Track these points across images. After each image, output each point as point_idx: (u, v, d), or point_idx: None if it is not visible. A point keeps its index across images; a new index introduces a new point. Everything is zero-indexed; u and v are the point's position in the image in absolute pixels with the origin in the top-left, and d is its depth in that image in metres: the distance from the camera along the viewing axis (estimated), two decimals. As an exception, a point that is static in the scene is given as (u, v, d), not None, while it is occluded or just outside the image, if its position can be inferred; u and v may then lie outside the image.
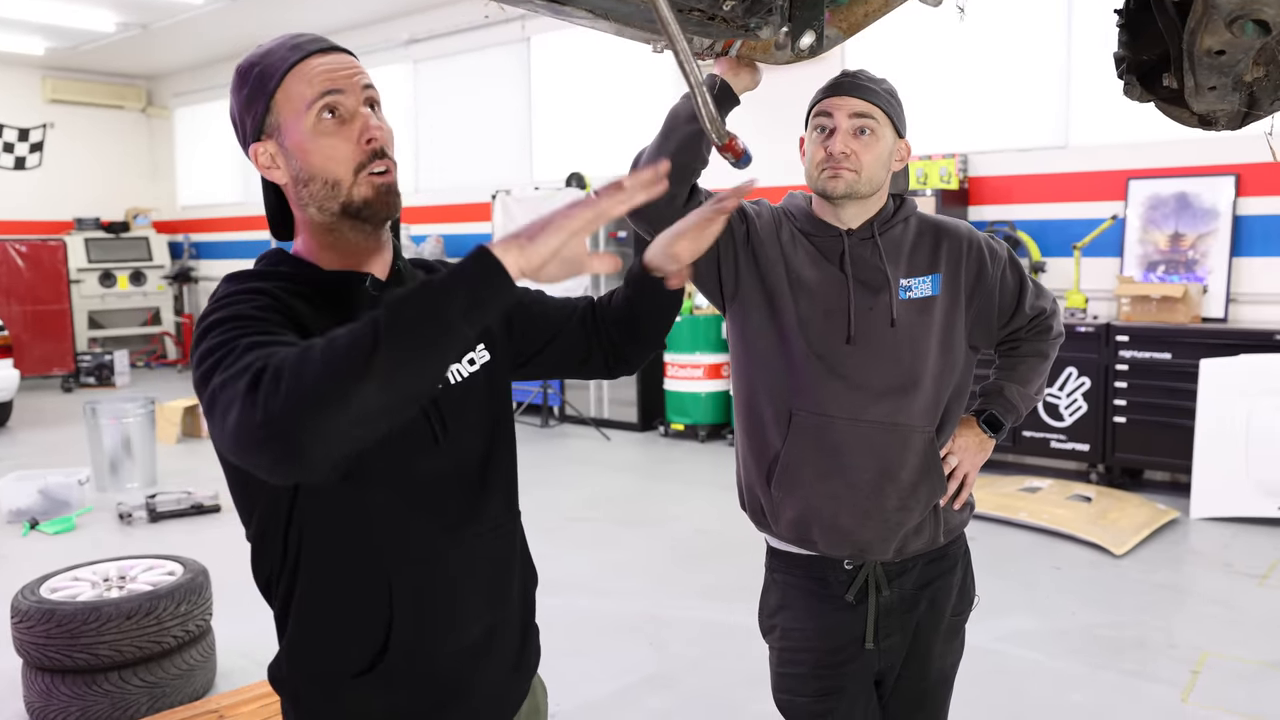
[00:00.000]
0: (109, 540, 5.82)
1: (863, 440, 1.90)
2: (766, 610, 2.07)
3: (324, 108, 1.30)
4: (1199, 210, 6.47)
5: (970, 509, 2.08)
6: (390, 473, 1.33)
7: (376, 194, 1.32)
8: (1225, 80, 1.50)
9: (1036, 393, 2.11)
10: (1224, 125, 1.62)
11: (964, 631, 2.13)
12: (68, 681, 3.44)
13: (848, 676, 1.96)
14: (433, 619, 1.38)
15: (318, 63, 1.31)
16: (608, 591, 4.83)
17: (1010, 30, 6.96)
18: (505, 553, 1.50)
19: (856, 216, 1.96)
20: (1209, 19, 1.39)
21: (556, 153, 10.07)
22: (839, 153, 1.87)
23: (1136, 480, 6.53)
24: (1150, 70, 1.67)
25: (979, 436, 2.05)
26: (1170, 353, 6.08)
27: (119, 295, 13.52)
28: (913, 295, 1.93)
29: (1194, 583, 4.85)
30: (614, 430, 8.80)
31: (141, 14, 10.81)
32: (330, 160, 1.30)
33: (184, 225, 14.76)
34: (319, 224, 1.35)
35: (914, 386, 1.91)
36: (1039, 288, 2.09)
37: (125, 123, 14.90)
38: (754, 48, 1.88)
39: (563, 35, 9.66)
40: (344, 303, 1.34)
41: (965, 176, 7.21)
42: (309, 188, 1.32)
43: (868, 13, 1.87)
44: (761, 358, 1.97)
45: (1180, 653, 3.95)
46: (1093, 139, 6.85)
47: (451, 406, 1.41)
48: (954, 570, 2.05)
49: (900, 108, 1.95)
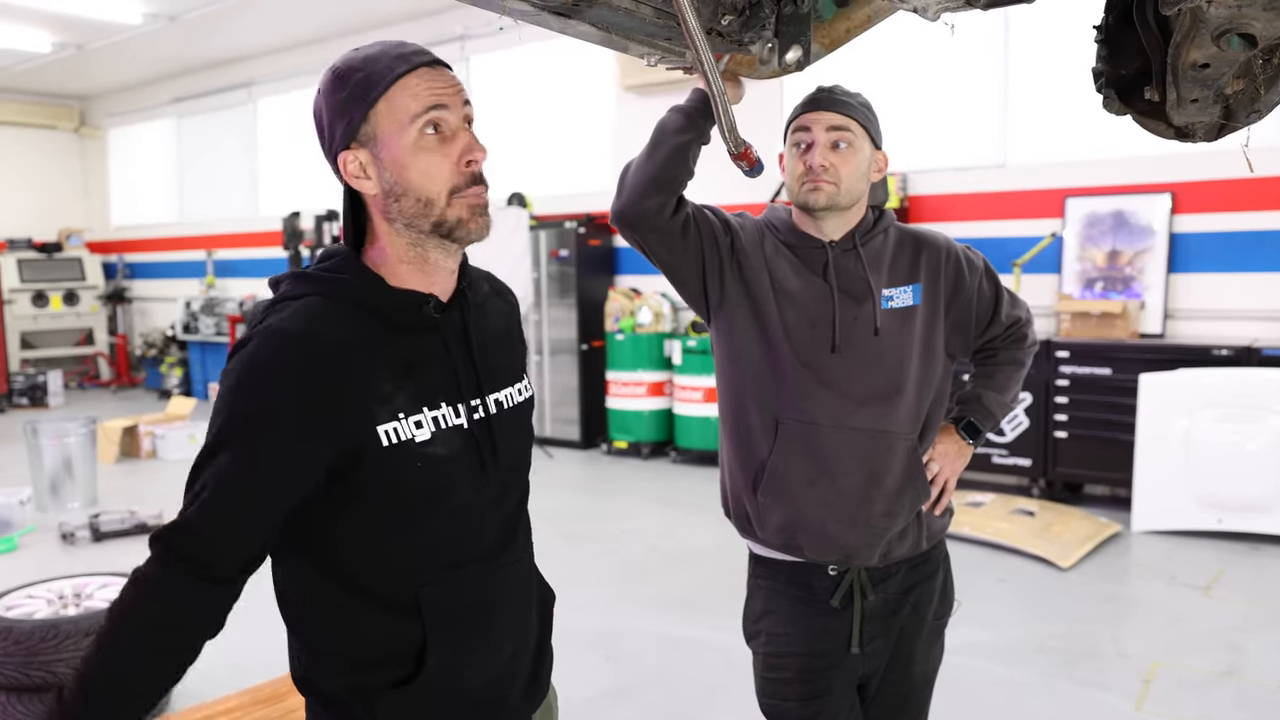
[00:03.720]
0: (53, 560, 5.74)
1: (849, 447, 1.93)
2: (751, 616, 2.09)
3: (428, 123, 1.29)
4: (1135, 228, 6.64)
5: (950, 515, 2.13)
6: (428, 502, 1.34)
7: (471, 216, 1.33)
8: (1207, 93, 1.53)
9: (1012, 400, 2.17)
10: (1201, 137, 1.65)
11: (944, 636, 2.17)
12: (24, 700, 3.41)
13: (833, 680, 1.99)
14: (468, 641, 1.38)
15: (425, 75, 1.30)
16: (561, 606, 4.70)
17: (948, 51, 7.09)
18: (528, 577, 1.54)
19: (838, 228, 2.00)
20: (1196, 33, 1.42)
21: (497, 172, 9.98)
22: (818, 166, 1.91)
23: (1077, 495, 6.64)
24: (1129, 84, 1.69)
25: (958, 443, 2.10)
26: (1110, 368, 6.22)
27: (52, 315, 13.27)
28: (895, 305, 1.98)
29: (1140, 594, 4.95)
30: (557, 448, 8.76)
31: (78, 34, 10.63)
32: (428, 178, 1.30)
33: (118, 245, 14.46)
34: (402, 239, 1.34)
35: (897, 394, 1.95)
36: (1014, 298, 2.15)
37: (58, 143, 14.62)
38: (740, 62, 1.92)
39: (503, 55, 9.64)
40: (402, 323, 1.34)
41: (905, 195, 7.32)
42: (400, 203, 1.31)
43: (850, 28, 1.90)
44: (748, 367, 1.99)
45: (1131, 662, 4.02)
46: (1030, 158, 7.01)
47: (503, 434, 1.42)
48: (935, 575, 2.10)
49: (876, 120, 2.00)
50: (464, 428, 1.37)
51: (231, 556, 1.25)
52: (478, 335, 1.43)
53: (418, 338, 1.36)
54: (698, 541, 5.82)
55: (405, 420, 1.30)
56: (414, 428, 1.31)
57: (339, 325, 1.30)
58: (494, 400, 1.43)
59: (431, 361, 1.36)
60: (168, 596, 1.24)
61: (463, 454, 1.36)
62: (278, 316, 1.31)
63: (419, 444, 1.31)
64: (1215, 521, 5.62)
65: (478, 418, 1.39)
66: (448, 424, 1.35)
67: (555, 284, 8.72)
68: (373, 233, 1.37)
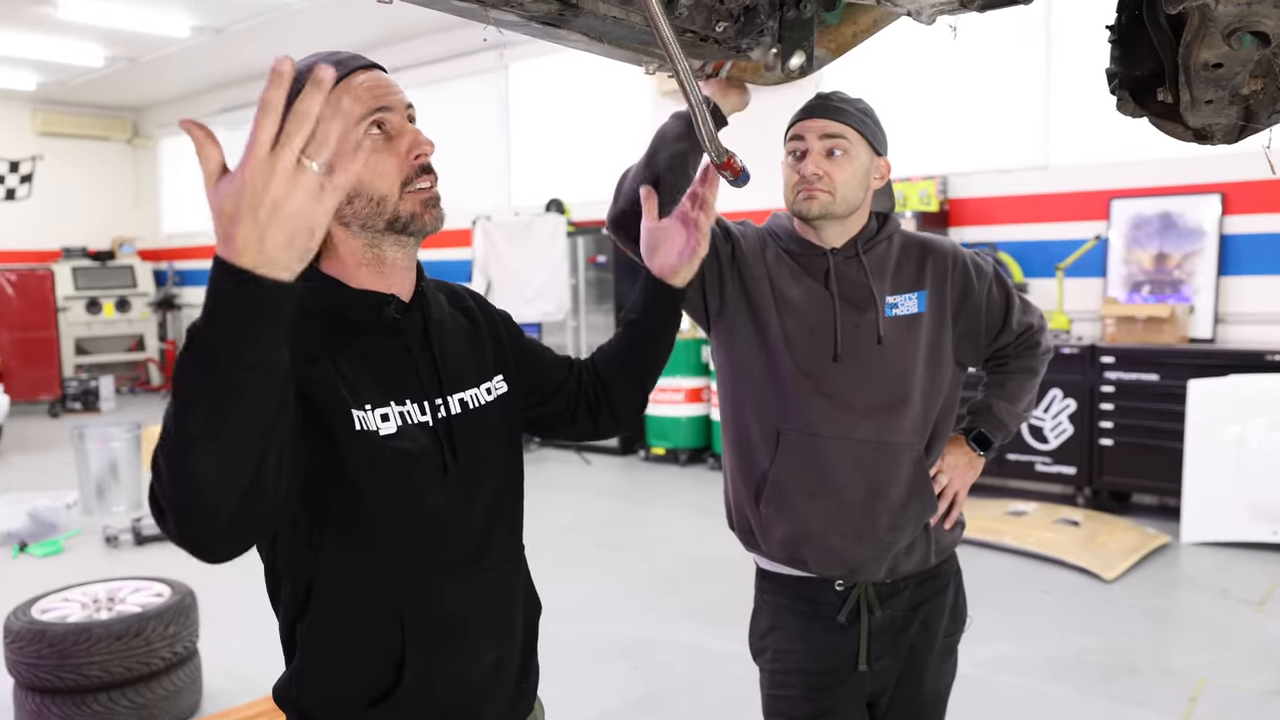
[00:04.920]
0: (96, 563, 5.83)
1: (852, 459, 1.89)
2: (757, 632, 2.05)
3: (372, 124, 1.31)
4: (1184, 230, 6.48)
5: (961, 528, 2.07)
6: (399, 503, 1.32)
7: (424, 208, 1.34)
8: (1222, 94, 1.47)
9: (1026, 409, 2.10)
10: (1220, 139, 1.59)
11: (957, 652, 2.11)
12: (58, 702, 3.47)
13: (840, 698, 1.94)
14: (444, 653, 1.36)
15: (362, 79, 1.32)
16: (592, 615, 4.78)
17: (989, 51, 6.98)
18: (511, 586, 1.50)
19: (838, 236, 1.96)
20: (1206, 32, 1.36)
21: (535, 178, 10.07)
22: (811, 174, 1.88)
23: (1124, 503, 6.48)
24: (1143, 85, 1.63)
25: (968, 455, 2.04)
26: (1157, 374, 6.06)
27: (105, 322, 13.60)
28: (899, 313, 1.93)
29: (1187, 608, 4.81)
30: (595, 454, 8.75)
31: (129, 48, 10.91)
32: (378, 176, 1.31)
33: (168, 253, 14.78)
34: (359, 241, 1.35)
35: (902, 404, 1.90)
36: (1026, 304, 2.08)
37: (111, 153, 14.98)
38: (744, 69, 1.88)
39: (541, 63, 9.68)
40: (365, 323, 1.34)
41: (945, 198, 7.22)
42: (353, 204, 1.32)
43: (856, 33, 1.86)
44: (748, 376, 1.96)
45: (1176, 679, 3.90)
46: (1074, 159, 6.87)
47: (464, 435, 1.40)
48: (946, 590, 2.04)
49: (876, 126, 1.95)
50: (429, 425, 1.36)
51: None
52: (440, 334, 1.43)
53: (379, 338, 1.36)
54: (730, 550, 5.70)
55: (372, 411, 1.30)
56: (380, 420, 1.31)
57: (301, 326, 1.27)
58: (458, 400, 1.42)
59: (395, 360, 1.36)
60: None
61: (428, 452, 1.35)
62: None
63: (384, 436, 1.30)
64: (1270, 534, 5.43)
65: (441, 416, 1.38)
66: (413, 420, 1.34)
67: (593, 290, 8.71)
68: (329, 242, 1.36)
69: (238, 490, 1.01)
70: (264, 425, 1.01)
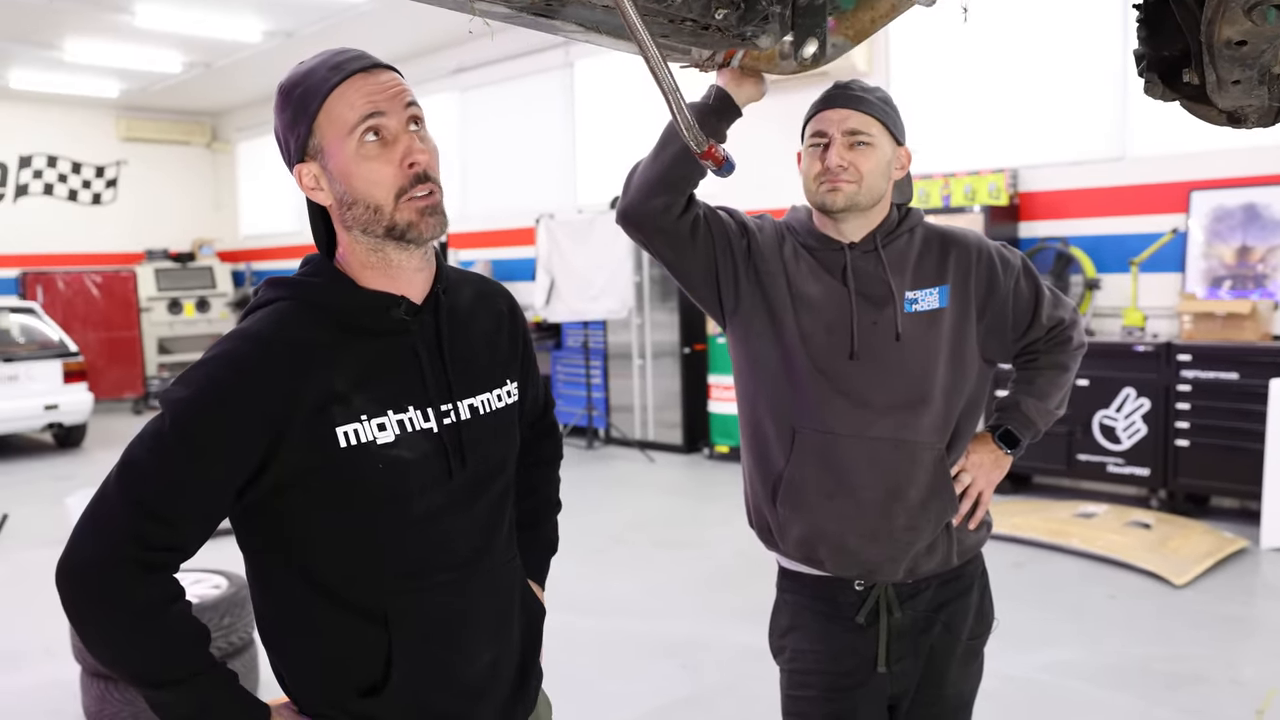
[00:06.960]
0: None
1: (869, 458, 1.84)
2: (776, 631, 2.02)
3: (367, 130, 1.29)
4: (1269, 222, 6.21)
5: (987, 529, 2.00)
6: (390, 510, 1.32)
7: (420, 218, 1.31)
8: (1250, 73, 1.38)
9: (1058, 406, 2.02)
10: (1255, 122, 1.50)
11: (982, 656, 2.04)
12: (120, 688, 3.58)
13: (859, 700, 1.90)
14: (437, 653, 1.36)
15: (360, 83, 1.30)
16: (645, 613, 4.77)
17: (1062, 38, 6.77)
18: (509, 586, 1.49)
19: (858, 229, 1.90)
20: (1227, 7, 1.29)
21: (599, 176, 10.07)
22: (835, 165, 1.83)
23: (1202, 507, 6.23)
24: (1172, 67, 1.55)
25: (994, 453, 1.97)
26: (1237, 372, 5.83)
27: (185, 322, 14.00)
28: (919, 308, 1.87)
29: (1263, 616, 4.61)
30: (659, 452, 8.73)
31: (205, 54, 11.20)
32: (373, 185, 1.30)
33: (245, 254, 15.14)
34: (362, 245, 1.35)
35: (921, 402, 1.84)
36: (1057, 297, 2.01)
37: (192, 157, 15.41)
38: (758, 58, 1.84)
39: (605, 60, 9.67)
40: (372, 325, 1.34)
41: (1015, 192, 7.02)
42: (352, 210, 1.32)
43: (874, 18, 1.80)
44: (764, 374, 1.92)
45: (1245, 689, 3.74)
46: (1152, 149, 6.62)
47: (473, 440, 1.40)
48: (970, 592, 1.97)
49: (896, 115, 1.90)
50: (434, 431, 1.35)
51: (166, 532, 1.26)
52: (452, 338, 1.41)
53: (386, 340, 1.35)
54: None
55: (367, 422, 1.30)
56: (376, 430, 1.30)
57: (303, 329, 1.30)
58: (468, 405, 1.40)
59: (399, 364, 1.35)
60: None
61: (430, 458, 1.34)
62: (248, 320, 1.33)
63: (381, 446, 1.30)
64: (1354, 538, 5.19)
65: (448, 423, 1.37)
66: (415, 428, 1.34)
67: (657, 287, 8.69)
68: (339, 241, 1.38)
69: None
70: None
